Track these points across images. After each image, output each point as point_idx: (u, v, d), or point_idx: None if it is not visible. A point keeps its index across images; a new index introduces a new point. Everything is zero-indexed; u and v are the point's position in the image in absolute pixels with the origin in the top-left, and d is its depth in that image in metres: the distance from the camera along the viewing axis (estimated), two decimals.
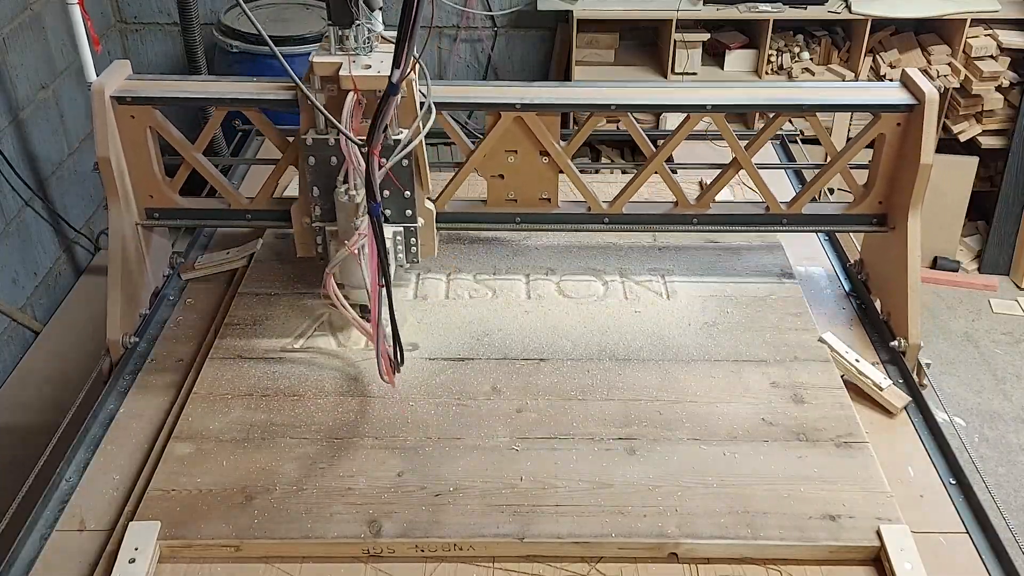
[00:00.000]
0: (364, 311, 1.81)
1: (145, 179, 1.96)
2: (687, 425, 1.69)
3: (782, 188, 2.46)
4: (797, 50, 4.20)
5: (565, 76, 4.26)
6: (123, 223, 1.92)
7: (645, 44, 4.42)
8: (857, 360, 1.83)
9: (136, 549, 1.44)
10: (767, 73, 4.17)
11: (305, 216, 1.89)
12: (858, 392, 1.80)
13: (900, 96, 1.90)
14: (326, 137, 1.76)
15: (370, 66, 1.71)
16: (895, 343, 1.90)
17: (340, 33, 1.72)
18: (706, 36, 4.17)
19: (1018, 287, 4.42)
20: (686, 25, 4.10)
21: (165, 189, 1.99)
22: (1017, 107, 4.20)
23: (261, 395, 1.76)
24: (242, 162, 2.59)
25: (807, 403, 1.74)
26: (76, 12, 3.15)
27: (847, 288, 2.13)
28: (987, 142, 4.29)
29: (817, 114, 1.98)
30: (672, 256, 2.17)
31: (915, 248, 1.89)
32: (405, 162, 1.77)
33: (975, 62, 4.11)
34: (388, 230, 1.82)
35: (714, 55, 4.28)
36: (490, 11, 4.31)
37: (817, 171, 2.03)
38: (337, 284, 1.70)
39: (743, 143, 1.98)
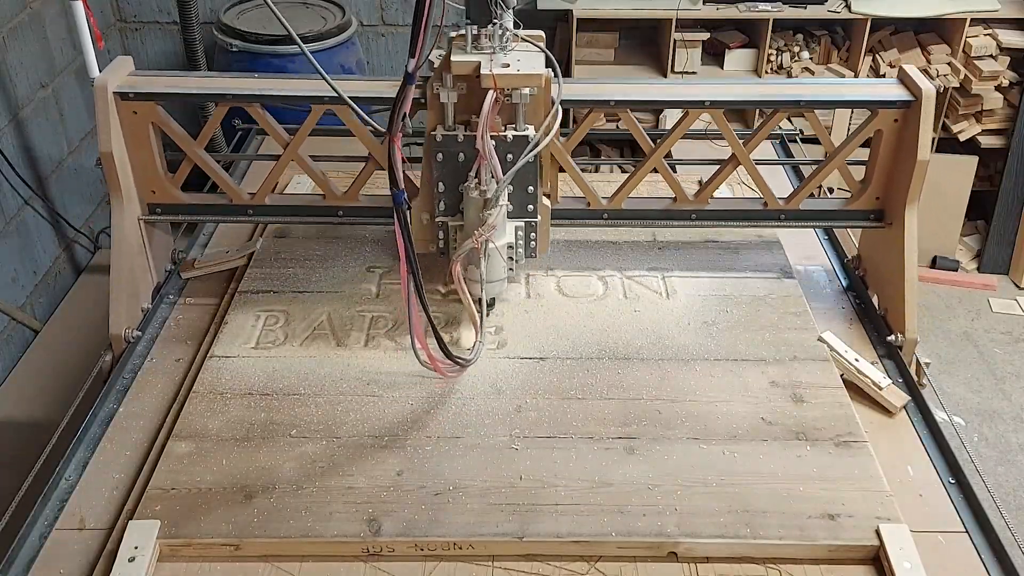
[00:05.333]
0: (478, 303, 1.84)
1: (147, 174, 1.97)
2: (686, 424, 1.69)
3: (782, 187, 2.45)
4: (797, 49, 4.20)
5: (565, 75, 4.25)
6: (125, 218, 1.93)
7: (645, 43, 4.42)
8: (856, 359, 1.83)
9: (136, 548, 1.44)
10: (767, 72, 4.17)
11: (425, 212, 1.90)
12: (858, 391, 1.80)
13: (897, 92, 1.91)
14: (455, 133, 1.78)
15: (508, 64, 1.72)
16: (892, 338, 1.91)
17: (476, 32, 1.72)
18: (706, 35, 4.17)
19: (1017, 286, 4.42)
20: (686, 24, 4.10)
21: (167, 184, 1.99)
22: (1017, 107, 4.20)
23: (261, 394, 1.76)
24: (244, 158, 2.60)
25: (806, 402, 1.74)
26: (79, 8, 3.11)
27: (845, 284, 2.14)
28: (987, 142, 4.29)
29: (815, 111, 1.99)
30: (671, 255, 2.17)
31: (912, 244, 1.91)
32: (531, 157, 1.78)
33: (975, 62, 4.11)
34: (510, 225, 1.88)
35: (714, 55, 4.28)
36: None
37: (815, 167, 2.04)
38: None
39: (742, 141, 1.98)
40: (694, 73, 4.18)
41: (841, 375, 1.81)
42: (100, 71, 1.94)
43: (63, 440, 1.72)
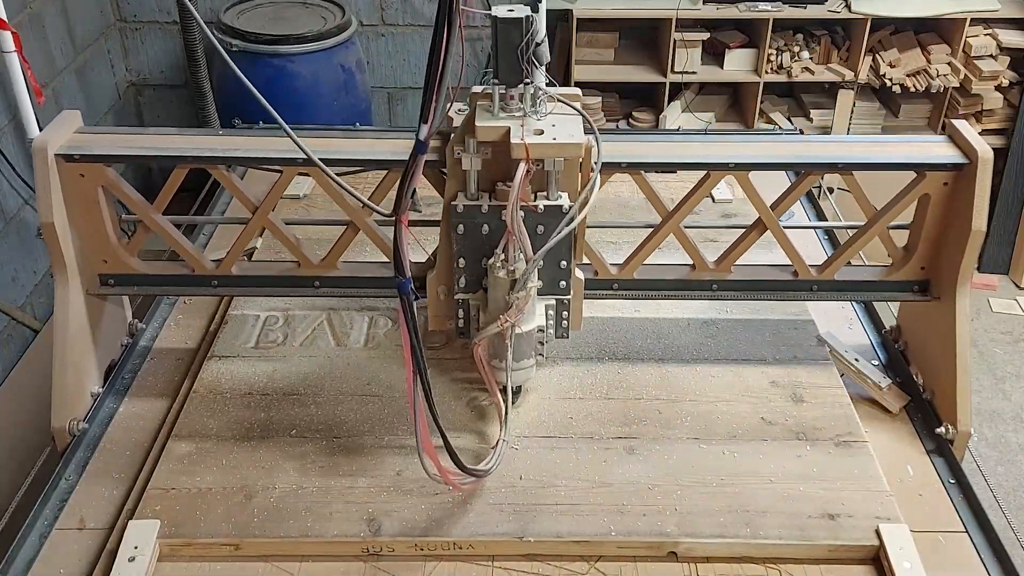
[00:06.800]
0: (503, 392, 1.65)
1: (98, 243, 1.74)
2: (687, 424, 1.69)
3: (809, 245, 2.23)
4: (797, 49, 4.19)
5: (565, 75, 4.26)
6: (71, 296, 1.70)
7: (645, 43, 4.42)
8: (856, 359, 1.83)
9: (136, 547, 1.44)
10: (767, 72, 4.17)
11: (442, 286, 1.69)
12: (858, 391, 1.80)
13: (948, 153, 1.71)
14: (478, 203, 1.58)
15: (542, 131, 1.50)
16: (941, 430, 1.70)
17: (504, 91, 1.52)
18: (706, 35, 4.17)
19: (1017, 286, 4.42)
20: (686, 24, 4.10)
21: (121, 253, 1.76)
22: (1017, 107, 4.21)
23: (261, 394, 1.76)
24: (208, 221, 2.35)
25: (806, 402, 1.74)
26: (14, 61, 2.75)
27: (883, 360, 1.92)
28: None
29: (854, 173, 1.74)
30: (671, 255, 2.16)
31: (964, 323, 1.69)
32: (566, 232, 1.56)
33: (975, 61, 4.11)
34: (540, 304, 1.66)
35: (714, 54, 4.28)
36: (490, 10, 4.31)
37: (846, 222, 1.85)
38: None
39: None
40: (694, 73, 4.18)
41: (841, 375, 1.81)
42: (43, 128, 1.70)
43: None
